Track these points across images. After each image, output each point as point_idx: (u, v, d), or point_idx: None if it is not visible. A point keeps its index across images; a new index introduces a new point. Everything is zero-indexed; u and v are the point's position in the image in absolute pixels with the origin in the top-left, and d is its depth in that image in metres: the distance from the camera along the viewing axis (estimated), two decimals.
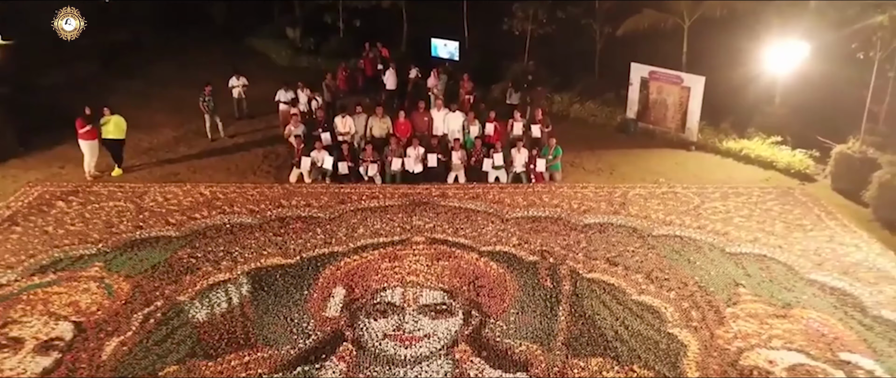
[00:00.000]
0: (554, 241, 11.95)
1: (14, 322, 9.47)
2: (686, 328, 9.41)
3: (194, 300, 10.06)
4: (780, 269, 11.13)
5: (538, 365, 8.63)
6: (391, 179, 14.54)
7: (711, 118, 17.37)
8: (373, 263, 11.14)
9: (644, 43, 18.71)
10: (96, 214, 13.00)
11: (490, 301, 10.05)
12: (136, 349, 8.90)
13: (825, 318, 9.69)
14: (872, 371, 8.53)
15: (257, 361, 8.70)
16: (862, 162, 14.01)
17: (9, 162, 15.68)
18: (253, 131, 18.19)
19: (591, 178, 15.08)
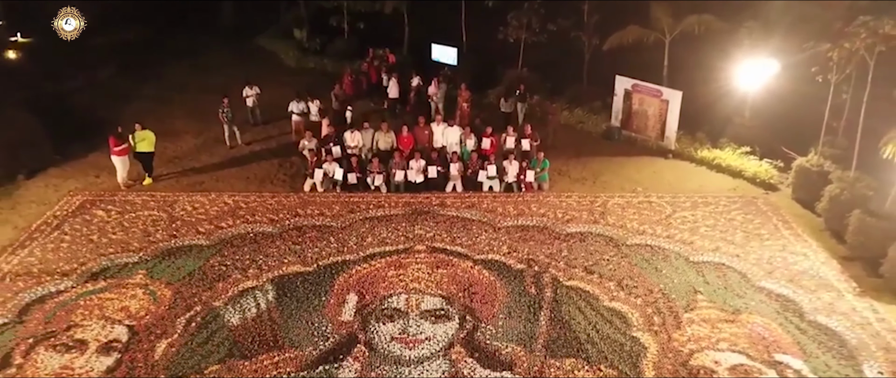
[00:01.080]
0: (539, 250, 13.52)
1: (77, 325, 11.08)
2: (648, 332, 11.03)
3: (228, 305, 11.66)
4: (735, 276, 12.72)
5: (521, 365, 10.25)
6: (396, 189, 16.07)
7: (688, 128, 18.84)
8: (380, 271, 12.73)
9: (629, 54, 20.05)
10: (134, 223, 14.56)
11: (482, 307, 11.65)
12: (183, 350, 10.52)
13: (768, 322, 11.30)
14: (800, 370, 10.15)
15: (285, 361, 10.32)
16: (818, 175, 15.52)
17: (48, 171, 17.18)
18: (267, 138, 19.65)
19: (576, 187, 16.61)
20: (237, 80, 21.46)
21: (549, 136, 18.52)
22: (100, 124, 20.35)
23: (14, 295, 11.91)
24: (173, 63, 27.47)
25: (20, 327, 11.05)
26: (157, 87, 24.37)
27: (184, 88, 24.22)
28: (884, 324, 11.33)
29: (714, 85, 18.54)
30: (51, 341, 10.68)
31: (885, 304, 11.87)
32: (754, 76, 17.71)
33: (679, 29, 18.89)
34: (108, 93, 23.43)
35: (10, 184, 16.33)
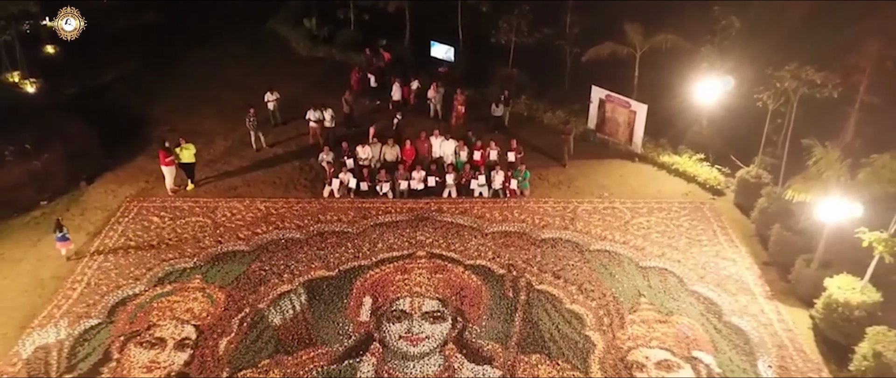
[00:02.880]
0: (518, 255, 16.49)
1: (155, 325, 14.16)
2: (598, 331, 14.11)
3: (270, 307, 14.71)
4: (674, 281, 15.73)
5: (498, 360, 13.37)
6: (400, 195, 18.92)
7: (653, 133, 21.49)
8: (389, 276, 15.74)
9: (606, 65, 22.40)
10: (185, 229, 17.50)
11: (470, 309, 14.71)
12: (240, 347, 13.62)
13: (692, 323, 14.37)
14: (709, 365, 13.25)
15: (319, 356, 13.43)
16: (755, 185, 18.36)
17: (104, 176, 19.99)
18: (287, 140, 22.28)
19: (552, 192, 19.45)
20: (254, 74, 24.75)
21: (565, 157, 20.90)
22: (138, 125, 23.18)
23: (101, 298, 14.96)
24: (192, 52, 29.46)
25: (111, 327, 14.12)
26: (181, 84, 26.65)
27: (206, 84, 26.57)
28: (783, 324, 14.41)
29: (678, 97, 21.08)
30: (137, 339, 13.78)
31: (789, 306, 14.93)
32: (711, 91, 20.19)
33: (648, 45, 21.23)
34: (138, 89, 25.86)
35: (76, 190, 19.17)
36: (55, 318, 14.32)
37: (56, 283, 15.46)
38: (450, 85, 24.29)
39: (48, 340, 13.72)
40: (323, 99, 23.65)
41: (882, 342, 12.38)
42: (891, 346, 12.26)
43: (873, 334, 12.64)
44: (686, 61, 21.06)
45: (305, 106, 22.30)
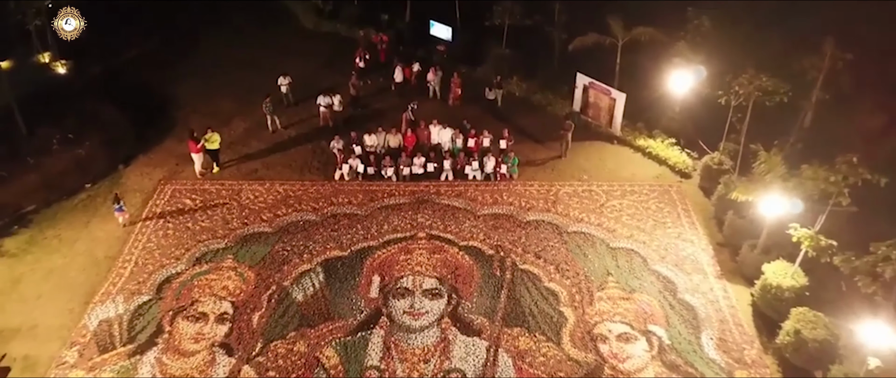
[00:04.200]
0: (505, 237, 18.82)
1: (196, 301, 16.62)
2: (570, 307, 16.58)
3: (293, 285, 17.15)
4: (639, 260, 18.11)
5: (485, 332, 15.88)
6: (403, 179, 21.11)
7: (632, 117, 23.50)
8: (394, 256, 18.10)
9: (591, 53, 24.15)
10: (214, 212, 19.79)
11: (463, 286, 17.14)
12: (270, 321, 16.12)
13: (651, 300, 16.82)
14: (661, 338, 15.75)
15: (336, 329, 15.93)
16: (718, 170, 20.52)
17: (137, 159, 22.13)
18: (300, 122, 24.27)
19: (538, 175, 21.62)
20: (266, 52, 27.40)
21: (564, 151, 22.61)
22: (163, 107, 25.22)
23: (148, 276, 17.40)
24: (206, 29, 31.03)
25: (160, 303, 16.60)
26: (198, 63, 28.45)
27: (221, 62, 28.26)
28: (727, 301, 16.87)
29: (654, 85, 22.97)
30: (184, 314, 16.26)
31: (734, 284, 17.35)
32: (684, 81, 22.06)
33: (628, 37, 23.00)
34: (158, 68, 27.64)
35: (115, 173, 21.37)
36: (112, 295, 16.79)
37: (109, 262, 17.87)
38: (447, 68, 26.09)
39: (109, 315, 16.22)
40: (331, 78, 25.79)
41: (801, 321, 14.84)
42: (808, 324, 14.72)
43: (796, 314, 15.09)
44: (663, 53, 22.83)
45: (315, 86, 24.39)
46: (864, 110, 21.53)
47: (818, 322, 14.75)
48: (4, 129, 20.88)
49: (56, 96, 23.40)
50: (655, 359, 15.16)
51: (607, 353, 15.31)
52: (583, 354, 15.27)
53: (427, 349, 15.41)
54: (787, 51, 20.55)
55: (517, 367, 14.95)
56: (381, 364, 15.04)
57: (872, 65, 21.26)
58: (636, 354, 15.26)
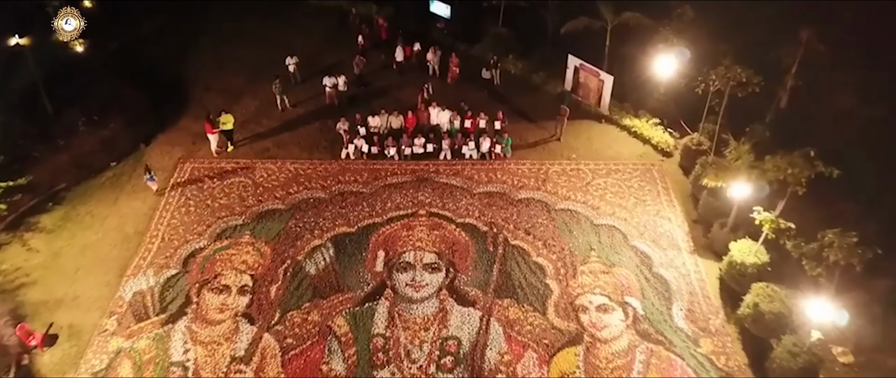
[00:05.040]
0: (498, 215, 20.44)
1: (219, 275, 18.34)
2: (555, 279, 18.31)
3: (306, 259, 18.86)
4: (619, 237, 19.76)
5: (479, 302, 17.65)
6: (404, 158, 22.61)
7: (619, 97, 24.84)
8: (397, 232, 19.75)
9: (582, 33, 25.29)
10: (231, 189, 21.35)
11: (459, 261, 18.83)
12: (287, 293, 17.87)
13: (628, 273, 18.53)
14: (636, 309, 17.52)
15: (346, 300, 17.69)
16: (696, 151, 22.01)
17: (157, 138, 23.58)
18: (307, 100, 25.57)
19: (530, 155, 23.08)
20: (273, 28, 28.74)
21: (558, 132, 23.87)
22: (178, 85, 26.51)
23: (174, 251, 19.09)
24: (210, 6, 31.70)
25: (187, 276, 18.33)
26: (207, 39, 29.50)
27: (230, 39, 29.23)
28: (697, 275, 18.60)
29: (641, 67, 24.20)
30: (209, 286, 18.00)
31: (704, 259, 19.05)
32: (668, 65, 23.28)
33: (617, 21, 24.17)
34: (170, 45, 28.73)
35: (137, 152, 22.85)
36: (143, 268, 18.52)
37: (138, 237, 19.54)
38: (446, 47, 27.28)
39: (142, 287, 17.97)
40: (336, 55, 27.10)
41: (760, 295, 16.56)
42: (766, 298, 16.45)
43: (755, 288, 16.81)
44: (649, 37, 24.00)
45: (321, 63, 25.82)
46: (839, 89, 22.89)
47: (775, 296, 16.47)
48: (32, 110, 22.20)
49: (76, 76, 24.53)
50: (629, 328, 16.95)
51: (587, 322, 17.09)
52: (565, 323, 17.06)
53: (427, 318, 17.19)
54: (766, 39, 21.83)
55: (507, 335, 16.76)
56: (387, 332, 16.84)
57: (851, 41, 22.59)
58: (613, 324, 17.04)
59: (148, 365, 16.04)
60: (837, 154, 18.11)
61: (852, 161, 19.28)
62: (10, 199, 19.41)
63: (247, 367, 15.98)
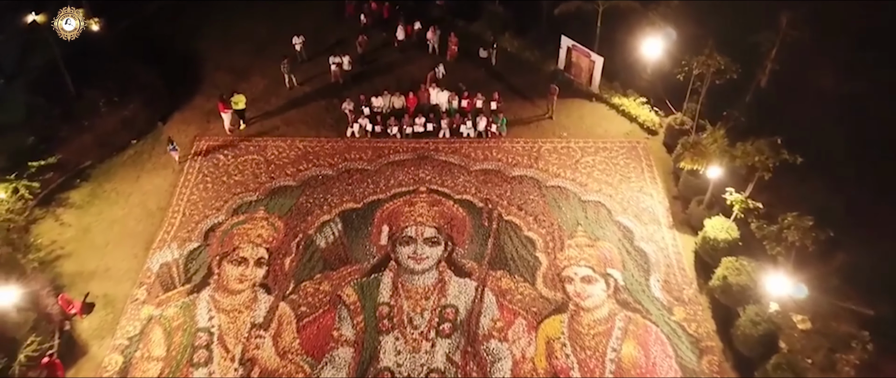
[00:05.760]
0: (493, 191, 21.91)
1: (237, 248, 19.93)
2: (544, 253, 19.91)
3: (317, 233, 20.42)
4: (604, 212, 21.29)
5: (475, 274, 19.27)
6: (406, 136, 23.99)
7: (609, 77, 26.07)
8: (400, 207, 21.27)
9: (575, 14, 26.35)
10: (244, 166, 22.78)
11: (457, 235, 20.40)
12: (300, 265, 19.48)
13: (611, 247, 20.12)
14: (617, 280, 19.17)
15: (354, 271, 19.31)
16: (679, 130, 23.39)
17: (173, 116, 24.90)
18: (313, 78, 26.76)
19: (523, 133, 24.44)
20: (276, 6, 29.25)
21: (550, 110, 25.16)
22: (189, 63, 27.65)
23: (196, 225, 20.64)
24: None
25: (207, 249, 19.93)
26: (215, 16, 30.41)
27: (231, 14, 30.33)
28: (675, 248, 20.19)
29: (630, 48, 25.35)
30: (228, 258, 19.60)
31: (682, 234, 20.61)
32: (655, 45, 24.40)
33: (608, 4, 25.21)
34: (179, 22, 29.73)
35: (155, 130, 24.21)
36: (167, 242, 20.10)
37: (160, 213, 21.06)
38: (445, 26, 28.34)
39: (167, 259, 19.57)
40: (339, 32, 28.17)
41: (729, 268, 18.14)
42: (734, 271, 18.02)
43: (725, 262, 18.39)
44: (638, 20, 25.09)
45: (326, 41, 27.16)
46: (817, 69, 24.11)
47: (742, 269, 18.06)
48: (55, 91, 23.43)
49: (93, 54, 25.59)
50: (610, 297, 18.62)
51: (572, 292, 18.75)
52: (552, 293, 18.72)
53: (427, 288, 18.84)
54: (750, 21, 23.03)
55: (499, 304, 18.44)
56: (391, 300, 18.52)
57: (834, 21, 23.72)
58: (595, 294, 18.70)
59: (177, 331, 17.74)
60: (813, 131, 19.73)
61: (825, 139, 20.90)
62: (41, 178, 20.79)
63: (266, 333, 17.66)
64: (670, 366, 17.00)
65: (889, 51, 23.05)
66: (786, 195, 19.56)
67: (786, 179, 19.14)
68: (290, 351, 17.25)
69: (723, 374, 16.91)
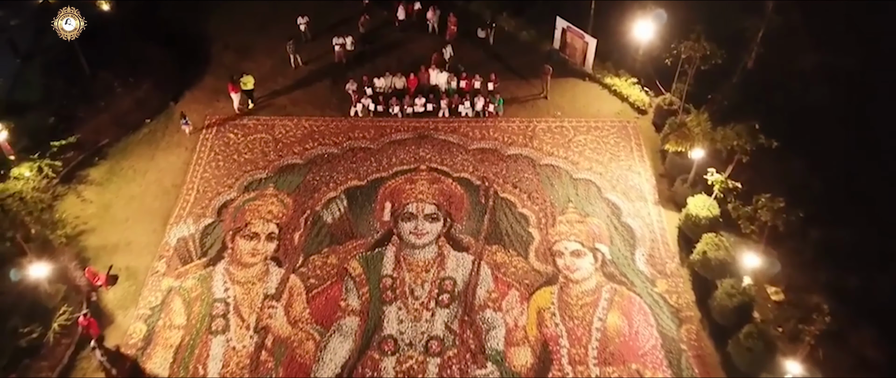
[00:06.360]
0: (490, 170, 23.00)
1: (249, 223, 21.11)
2: (537, 228, 21.10)
3: (324, 209, 21.60)
4: (594, 190, 22.41)
5: (472, 248, 20.51)
6: (407, 116, 25.00)
7: (603, 56, 26.94)
8: (402, 185, 22.39)
9: None
10: (254, 145, 23.85)
11: (455, 212, 21.57)
12: (308, 239, 20.69)
13: (600, 222, 21.30)
14: (604, 254, 20.40)
15: (360, 245, 20.53)
16: (667, 111, 24.39)
17: (185, 96, 25.86)
18: (317, 58, 27.63)
19: (519, 112, 25.42)
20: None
21: (545, 90, 26.05)
22: (198, 43, 28.43)
23: (209, 202, 21.79)
24: None
25: (221, 224, 21.12)
26: None
27: None
28: (660, 224, 21.38)
29: (623, 30, 26.18)
30: (240, 233, 20.81)
31: (667, 210, 21.75)
32: (647, 28, 25.24)
33: None
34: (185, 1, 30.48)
35: (167, 109, 25.20)
36: (183, 218, 21.29)
37: (176, 190, 22.19)
38: (444, 7, 29.10)
39: (184, 234, 20.78)
40: (341, 12, 28.92)
41: (708, 244, 19.32)
42: (713, 247, 19.20)
43: (705, 238, 19.57)
44: (630, 5, 25.87)
45: (329, 19, 28.06)
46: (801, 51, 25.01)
47: (721, 245, 19.27)
48: (72, 71, 24.38)
49: (104, 34, 26.41)
50: (598, 270, 19.88)
51: (562, 265, 19.99)
52: (544, 266, 19.97)
53: (428, 261, 20.09)
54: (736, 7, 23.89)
55: (494, 276, 19.70)
56: (394, 273, 19.78)
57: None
58: (584, 267, 19.95)
59: (195, 301, 19.04)
60: (796, 111, 20.71)
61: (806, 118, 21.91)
62: (63, 156, 21.89)
63: (278, 303, 18.97)
64: (651, 334, 18.31)
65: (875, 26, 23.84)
66: (767, 173, 20.72)
67: (767, 157, 20.21)
68: (300, 320, 18.55)
69: (700, 341, 18.22)
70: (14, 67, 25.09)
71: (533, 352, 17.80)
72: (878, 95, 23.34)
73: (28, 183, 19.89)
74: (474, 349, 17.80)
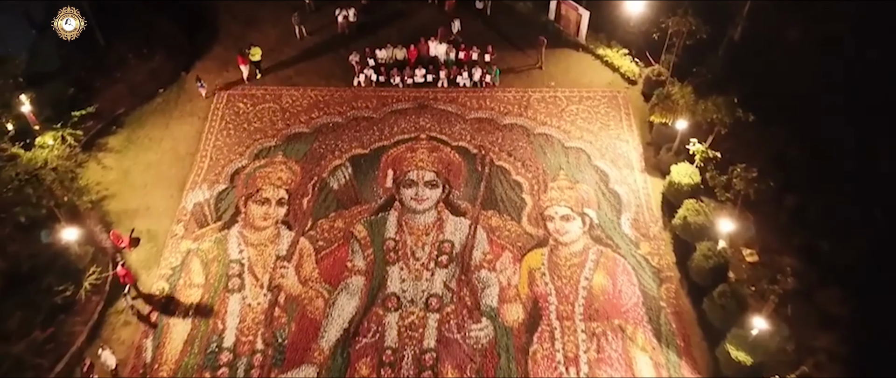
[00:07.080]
0: (486, 139, 24.16)
1: (260, 189, 22.37)
2: (530, 194, 22.38)
3: (330, 176, 22.83)
4: (584, 157, 23.59)
5: (468, 212, 21.80)
6: (407, 86, 26.03)
7: (596, 27, 27.81)
8: (403, 153, 23.55)
9: None
10: (262, 115, 24.94)
11: (454, 179, 22.79)
12: (316, 204, 21.99)
13: (589, 189, 22.53)
14: (592, 218, 21.71)
15: (363, 210, 21.82)
16: (656, 82, 25.42)
17: (195, 66, 26.81)
18: (321, 29, 28.48)
19: (515, 82, 26.44)
20: None
21: (540, 61, 26.97)
22: (206, 15, 29.19)
23: (222, 169, 23.01)
24: None
25: (234, 190, 22.39)
26: None
27: None
28: (645, 191, 22.61)
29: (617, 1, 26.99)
30: (253, 199, 22.08)
31: (652, 177, 22.94)
32: None
33: None
34: None
35: (179, 79, 26.20)
36: (198, 184, 22.53)
37: (190, 157, 23.38)
38: None
39: (200, 199, 22.05)
40: None
41: (689, 210, 20.59)
42: (693, 212, 20.45)
43: (686, 204, 20.84)
44: None
45: None
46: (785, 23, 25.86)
47: (701, 210, 20.55)
48: (86, 43, 25.15)
49: (116, 5, 27.22)
50: (585, 233, 21.22)
51: (553, 229, 21.32)
52: (535, 230, 21.30)
53: (428, 226, 21.41)
54: None
55: (489, 239, 21.05)
56: (396, 236, 21.11)
57: None
58: (572, 230, 21.28)
59: (212, 262, 20.42)
60: (778, 81, 21.72)
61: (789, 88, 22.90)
62: (83, 126, 23.01)
63: (289, 264, 20.35)
64: (634, 292, 19.75)
65: None
66: (747, 142, 21.88)
67: (748, 128, 21.36)
68: (310, 279, 19.97)
69: (678, 299, 19.66)
70: (31, 39, 25.94)
71: (524, 308, 19.24)
72: (863, 63, 24.06)
73: (53, 151, 21.03)
74: (470, 306, 19.24)
